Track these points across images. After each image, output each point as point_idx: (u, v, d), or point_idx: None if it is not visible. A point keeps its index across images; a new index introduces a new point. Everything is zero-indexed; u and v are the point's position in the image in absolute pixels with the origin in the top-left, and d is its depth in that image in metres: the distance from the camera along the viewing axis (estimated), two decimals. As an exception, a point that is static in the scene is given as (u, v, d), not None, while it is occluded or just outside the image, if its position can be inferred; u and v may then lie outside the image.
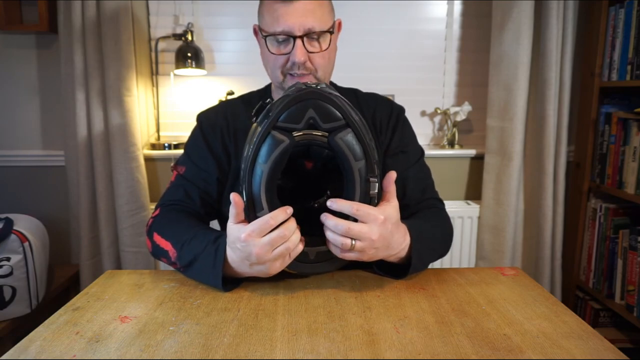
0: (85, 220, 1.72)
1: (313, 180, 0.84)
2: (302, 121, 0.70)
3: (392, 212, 0.72)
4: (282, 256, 0.69)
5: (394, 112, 1.00)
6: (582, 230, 1.78)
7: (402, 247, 0.77)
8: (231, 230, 0.71)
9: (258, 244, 0.67)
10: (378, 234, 0.70)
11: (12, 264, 1.36)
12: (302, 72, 0.88)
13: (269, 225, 0.68)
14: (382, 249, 0.73)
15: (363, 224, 0.69)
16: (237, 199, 0.71)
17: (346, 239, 0.69)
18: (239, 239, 0.69)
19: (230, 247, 0.73)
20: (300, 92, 0.70)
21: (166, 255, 0.83)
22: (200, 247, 0.78)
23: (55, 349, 0.59)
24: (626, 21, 1.57)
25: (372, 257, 0.73)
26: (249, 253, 0.68)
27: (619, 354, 0.58)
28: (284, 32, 0.85)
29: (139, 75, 1.73)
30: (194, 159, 0.95)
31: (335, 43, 0.95)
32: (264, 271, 0.71)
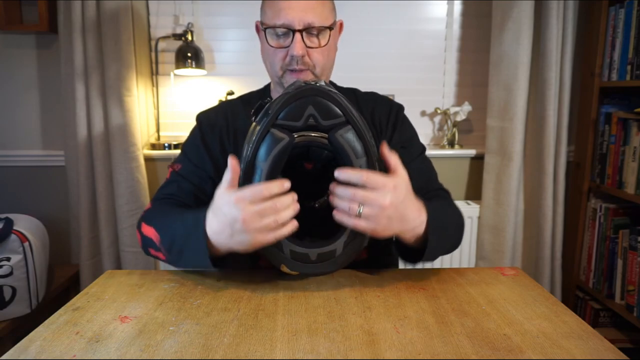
0: (85, 220, 1.72)
1: (313, 180, 0.84)
2: (301, 118, 0.69)
3: (401, 182, 0.70)
4: (269, 229, 0.66)
5: (393, 110, 1.00)
6: (582, 230, 1.78)
7: (418, 223, 0.74)
8: (220, 194, 0.69)
9: (247, 209, 0.65)
10: (389, 201, 0.67)
11: (12, 264, 1.36)
12: (300, 67, 0.88)
13: (261, 195, 0.65)
14: (396, 219, 0.69)
15: (371, 190, 0.67)
16: (235, 164, 0.69)
17: (353, 203, 0.67)
18: (228, 201, 0.66)
19: (214, 212, 0.70)
20: (300, 90, 0.70)
21: (152, 244, 0.82)
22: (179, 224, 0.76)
23: (55, 349, 0.59)
24: (626, 21, 1.57)
25: (386, 229, 0.70)
26: (234, 219, 0.66)
27: (619, 354, 0.58)
28: (284, 25, 0.86)
29: (139, 75, 1.73)
30: (191, 157, 0.95)
31: (335, 42, 0.95)
32: (245, 242, 0.67)
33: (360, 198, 0.67)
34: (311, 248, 0.72)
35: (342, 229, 0.72)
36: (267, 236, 0.67)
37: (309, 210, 0.83)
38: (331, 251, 0.72)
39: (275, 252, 0.72)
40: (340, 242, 0.72)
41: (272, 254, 0.72)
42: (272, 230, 0.67)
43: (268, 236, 0.67)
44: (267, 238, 0.67)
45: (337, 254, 0.72)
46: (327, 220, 0.79)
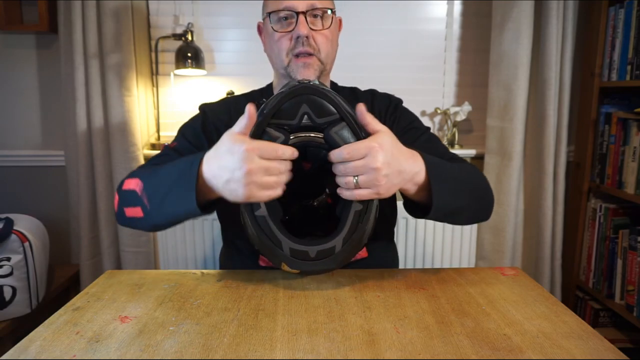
0: (85, 220, 1.72)
1: (311, 180, 0.84)
2: (296, 117, 0.70)
3: (384, 137, 0.69)
4: (267, 187, 0.66)
5: (392, 104, 1.01)
6: (582, 230, 1.78)
7: (416, 170, 0.73)
8: (231, 137, 0.67)
9: (255, 162, 0.64)
10: (381, 162, 0.66)
11: (12, 264, 1.36)
12: (306, 48, 0.89)
13: (275, 154, 0.65)
14: (394, 175, 0.69)
15: (359, 159, 0.67)
16: (252, 112, 0.68)
17: (348, 177, 0.68)
18: (238, 148, 0.65)
19: (218, 153, 0.68)
20: (293, 88, 0.71)
21: (131, 197, 0.78)
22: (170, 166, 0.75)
23: (55, 349, 0.59)
24: (626, 21, 1.57)
25: (388, 187, 0.69)
26: (238, 165, 0.64)
27: (619, 354, 0.58)
28: (287, 8, 0.88)
29: (139, 75, 1.73)
30: (188, 136, 0.95)
31: (336, 35, 0.97)
32: (238, 193, 0.66)
33: (351, 170, 0.67)
34: (310, 245, 0.72)
35: (341, 225, 0.72)
36: (262, 193, 0.66)
37: (308, 209, 0.83)
38: (330, 248, 0.72)
39: (275, 250, 0.72)
40: (339, 238, 0.72)
41: (271, 253, 0.72)
42: (268, 189, 0.66)
43: (263, 193, 0.66)
44: (262, 195, 0.66)
45: (336, 251, 0.72)
46: (326, 219, 0.79)
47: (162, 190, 0.74)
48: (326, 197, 0.83)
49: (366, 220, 0.72)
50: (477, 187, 0.86)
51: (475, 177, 0.87)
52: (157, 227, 0.80)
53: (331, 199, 0.83)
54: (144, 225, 0.80)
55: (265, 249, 0.73)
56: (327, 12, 0.91)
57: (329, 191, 0.83)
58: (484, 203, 0.88)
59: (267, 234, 0.71)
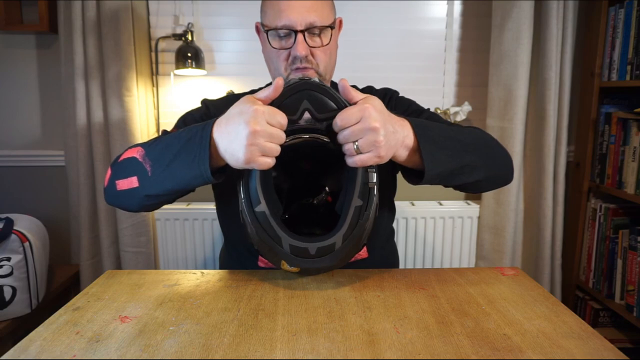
0: (85, 220, 1.72)
1: (311, 178, 0.84)
2: (297, 112, 0.70)
3: (373, 99, 0.69)
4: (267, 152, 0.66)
5: (387, 96, 1.02)
6: (582, 230, 1.78)
7: (405, 133, 0.72)
8: (246, 98, 0.68)
9: (262, 124, 0.64)
10: (378, 120, 0.66)
11: (12, 264, 1.36)
12: (304, 65, 0.88)
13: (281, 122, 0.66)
14: (390, 135, 0.68)
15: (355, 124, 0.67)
16: (280, 84, 0.68)
17: (348, 144, 0.68)
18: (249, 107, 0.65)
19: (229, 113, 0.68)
20: (294, 84, 0.71)
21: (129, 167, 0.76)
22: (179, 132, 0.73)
23: (56, 349, 0.59)
24: (626, 21, 1.57)
25: (387, 149, 0.68)
26: (244, 125, 0.64)
27: (619, 354, 0.58)
28: (285, 27, 0.86)
29: (139, 75, 1.73)
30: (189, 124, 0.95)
31: (336, 41, 0.96)
32: (239, 153, 0.65)
33: (350, 135, 0.67)
34: (310, 242, 0.72)
35: (341, 222, 0.72)
36: (261, 158, 0.66)
37: (308, 208, 0.83)
38: (330, 245, 0.72)
39: (275, 247, 0.72)
40: (340, 235, 0.72)
41: (271, 251, 0.72)
42: (266, 156, 0.66)
43: (262, 159, 0.66)
44: (261, 160, 0.66)
45: (336, 247, 0.72)
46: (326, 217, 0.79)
47: (168, 154, 0.72)
48: (326, 195, 0.83)
49: (366, 218, 0.72)
50: (481, 147, 0.82)
51: (479, 137, 0.84)
52: (151, 198, 0.77)
53: (331, 198, 0.84)
54: (135, 197, 0.77)
55: (264, 246, 0.73)
56: (325, 29, 0.89)
57: (328, 190, 0.83)
58: (498, 163, 0.85)
59: (267, 231, 0.71)
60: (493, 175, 0.84)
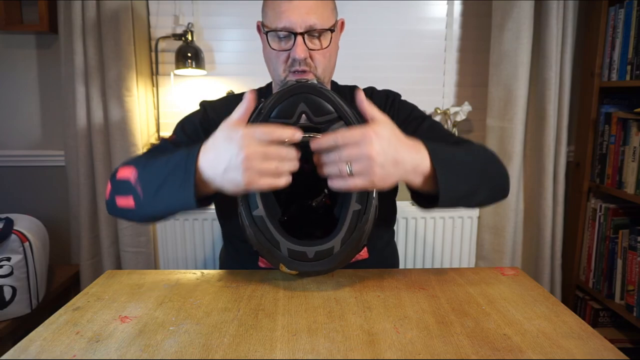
0: (85, 220, 1.72)
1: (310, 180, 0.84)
2: (294, 115, 0.70)
3: (381, 125, 0.66)
4: (267, 174, 0.63)
5: (389, 99, 1.01)
6: (582, 230, 1.78)
7: (418, 160, 0.69)
8: (226, 125, 0.65)
9: (252, 146, 0.62)
10: (376, 150, 0.63)
11: (12, 264, 1.36)
12: (303, 68, 0.87)
13: (271, 136, 0.63)
14: (390, 165, 0.65)
15: (353, 146, 0.63)
16: (252, 98, 0.66)
17: (341, 165, 0.64)
18: (234, 134, 0.63)
19: (215, 141, 0.66)
20: (291, 87, 0.71)
21: (124, 186, 0.75)
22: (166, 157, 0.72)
23: (56, 349, 0.59)
24: (626, 21, 1.57)
25: (384, 178, 0.65)
26: (235, 153, 0.62)
27: (619, 354, 0.58)
28: (285, 29, 0.86)
29: (139, 75, 1.73)
30: (187, 131, 0.94)
31: (336, 42, 0.95)
32: (237, 181, 0.63)
33: (345, 157, 0.64)
34: (309, 246, 0.72)
35: (340, 226, 0.72)
36: (261, 180, 0.63)
37: (306, 210, 0.83)
38: (329, 249, 0.72)
39: (273, 251, 0.72)
40: (338, 239, 0.72)
41: (269, 253, 0.72)
42: (268, 176, 0.64)
43: (263, 181, 0.63)
44: (261, 183, 0.63)
45: (335, 251, 0.72)
46: (324, 220, 0.79)
47: (156, 181, 0.72)
48: (325, 197, 0.83)
49: (365, 221, 0.72)
50: (487, 167, 0.83)
51: (484, 157, 0.84)
52: (149, 218, 0.78)
53: (330, 200, 0.83)
54: (134, 216, 0.78)
55: (263, 249, 0.73)
56: (325, 32, 0.88)
57: (327, 192, 0.83)
58: (499, 182, 0.85)
59: (265, 235, 0.71)
60: (494, 195, 0.84)
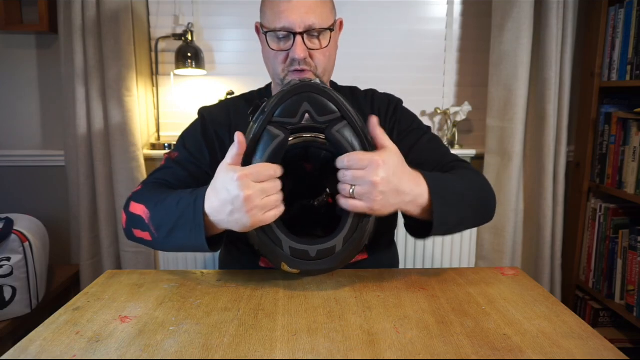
0: (85, 220, 1.72)
1: (312, 180, 0.84)
2: (297, 115, 0.70)
3: (390, 155, 0.69)
4: (269, 207, 0.67)
5: (392, 104, 1.01)
6: (582, 230, 1.78)
7: (418, 193, 0.72)
8: (223, 170, 0.68)
9: (252, 187, 0.65)
10: (380, 177, 0.66)
11: (12, 264, 1.36)
12: (302, 67, 0.88)
13: (267, 174, 0.66)
14: (391, 194, 0.68)
15: (360, 169, 0.67)
16: (242, 140, 0.68)
17: (345, 185, 0.68)
18: (232, 178, 0.65)
19: (215, 187, 0.69)
20: (294, 87, 0.71)
21: (139, 222, 0.79)
22: (175, 200, 0.74)
23: (56, 349, 0.59)
24: (626, 21, 1.57)
25: (384, 205, 0.68)
26: (236, 196, 0.65)
27: (619, 354, 0.58)
28: (284, 29, 0.86)
29: (139, 75, 1.73)
30: (189, 146, 0.94)
31: (336, 42, 0.95)
32: (244, 221, 0.67)
33: (349, 178, 0.68)
34: (311, 245, 0.72)
35: (342, 225, 0.72)
36: (267, 215, 0.67)
37: (309, 209, 0.83)
38: (331, 247, 0.72)
39: (275, 249, 0.72)
40: (340, 238, 0.72)
41: (271, 253, 0.72)
42: (271, 210, 0.67)
43: (268, 215, 0.67)
44: (267, 217, 0.67)
45: (337, 250, 0.72)
46: (326, 219, 0.79)
47: (168, 224, 0.75)
48: (327, 197, 0.83)
49: (367, 220, 0.72)
50: (480, 197, 0.85)
51: (477, 187, 0.86)
52: (167, 251, 0.82)
53: (332, 199, 0.83)
54: (152, 247, 0.81)
55: (265, 248, 0.73)
56: (325, 31, 0.88)
57: (329, 191, 0.83)
58: (487, 209, 0.87)
59: (267, 233, 0.71)
60: (479, 222, 0.87)
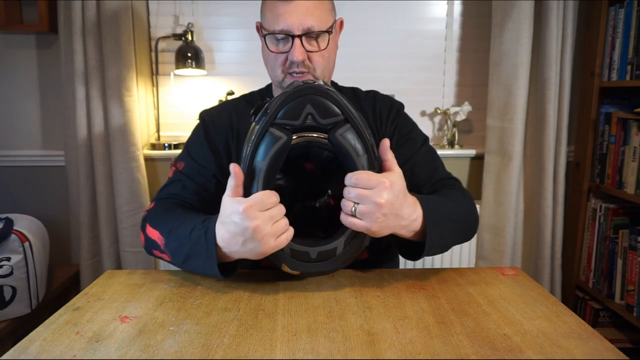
0: (85, 220, 1.72)
1: (314, 180, 0.84)
2: (300, 117, 0.70)
3: (396, 178, 0.70)
4: (279, 233, 0.68)
5: (394, 109, 1.01)
6: (582, 230, 1.78)
7: (414, 218, 0.73)
8: (227, 203, 0.69)
9: (259, 216, 0.65)
10: (385, 198, 0.67)
11: (12, 264, 1.36)
12: (301, 69, 0.88)
13: (270, 201, 0.67)
14: (392, 216, 0.69)
15: (366, 188, 0.68)
16: (237, 170, 0.69)
17: (347, 201, 0.68)
18: (237, 211, 0.66)
19: (223, 221, 0.69)
20: (298, 89, 0.70)
21: (156, 246, 0.81)
22: (187, 230, 0.76)
23: (55, 349, 0.59)
24: (626, 21, 1.57)
25: (382, 227, 0.69)
26: (245, 227, 0.66)
27: (619, 354, 0.58)
28: (283, 31, 0.86)
29: (139, 75, 1.73)
30: (194, 155, 0.95)
31: (335, 42, 0.95)
32: (257, 249, 0.68)
33: (354, 196, 0.68)
34: (312, 246, 0.72)
35: (343, 227, 0.72)
36: (279, 240, 0.68)
37: (310, 210, 0.83)
38: (332, 249, 0.72)
39: (276, 251, 0.72)
40: (341, 240, 0.72)
41: (273, 254, 0.72)
42: (282, 234, 0.68)
43: (280, 240, 0.68)
44: (279, 242, 0.68)
45: (337, 253, 0.72)
46: (328, 220, 0.79)
47: (182, 253, 0.76)
48: (328, 198, 0.83)
49: None
50: (467, 221, 0.88)
51: (466, 211, 0.88)
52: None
53: (333, 200, 0.83)
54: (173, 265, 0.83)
55: None
56: (323, 34, 0.88)
57: (331, 192, 0.83)
58: (471, 232, 0.90)
59: None
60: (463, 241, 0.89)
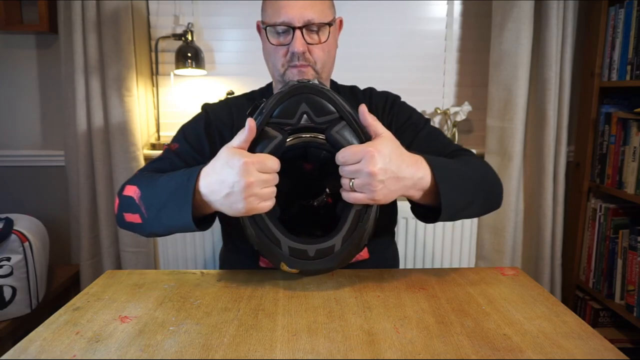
0: (85, 220, 1.72)
1: (312, 180, 0.84)
2: (295, 116, 0.70)
3: (383, 142, 0.69)
4: (265, 198, 0.68)
5: (389, 100, 1.02)
6: (582, 230, 1.78)
7: (420, 176, 0.72)
8: (229, 151, 0.68)
9: (254, 175, 0.65)
10: (377, 167, 0.66)
11: (12, 264, 1.36)
12: (301, 62, 0.89)
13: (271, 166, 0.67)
14: (391, 181, 0.68)
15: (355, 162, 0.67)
16: (253, 126, 0.68)
17: (344, 179, 0.69)
18: (237, 162, 0.65)
19: (216, 168, 0.68)
20: (293, 88, 0.71)
21: (130, 204, 0.78)
22: (168, 178, 0.75)
23: (55, 349, 0.59)
24: (626, 21, 1.57)
25: (385, 194, 0.68)
26: (237, 180, 0.65)
27: (619, 354, 0.58)
28: (284, 23, 0.87)
29: (139, 75, 1.73)
30: (190, 139, 0.94)
31: (335, 39, 0.96)
32: (237, 206, 0.67)
33: (347, 172, 0.68)
34: (309, 244, 0.72)
35: (341, 225, 0.72)
36: (262, 204, 0.68)
37: (308, 209, 0.83)
38: (330, 247, 0.72)
39: (274, 249, 0.72)
40: (339, 237, 0.72)
41: (270, 252, 0.72)
42: (266, 200, 0.68)
43: (262, 205, 0.68)
44: (262, 206, 0.68)
45: (335, 250, 0.72)
46: (326, 219, 0.79)
47: (158, 202, 0.75)
48: (326, 197, 0.83)
49: (366, 220, 0.72)
50: (484, 180, 0.85)
51: (481, 170, 0.86)
52: (155, 234, 0.81)
53: (331, 199, 0.83)
54: (142, 231, 0.81)
55: (264, 248, 0.73)
56: (323, 26, 0.89)
57: (329, 191, 0.83)
58: (494, 193, 0.87)
59: (266, 233, 0.71)
60: (488, 207, 0.87)
